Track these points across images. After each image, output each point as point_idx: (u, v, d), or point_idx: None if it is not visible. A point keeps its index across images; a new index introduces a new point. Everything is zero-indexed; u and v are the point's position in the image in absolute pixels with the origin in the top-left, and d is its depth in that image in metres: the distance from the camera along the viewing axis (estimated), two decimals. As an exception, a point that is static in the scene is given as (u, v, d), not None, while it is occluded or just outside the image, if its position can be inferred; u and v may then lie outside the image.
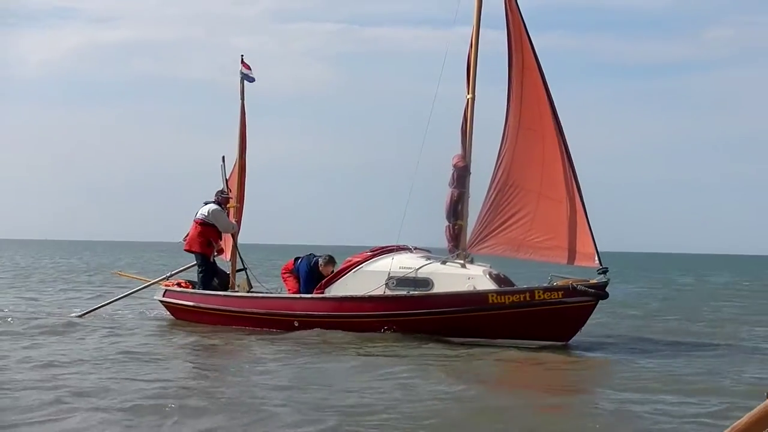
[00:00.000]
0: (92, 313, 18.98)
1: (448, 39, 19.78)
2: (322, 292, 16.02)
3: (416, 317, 15.00)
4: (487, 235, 15.89)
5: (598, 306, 14.72)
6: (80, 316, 18.64)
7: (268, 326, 16.18)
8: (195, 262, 18.99)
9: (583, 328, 14.92)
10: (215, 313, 17.04)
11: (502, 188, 15.89)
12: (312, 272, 16.63)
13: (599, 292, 14.50)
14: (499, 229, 15.86)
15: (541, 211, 15.61)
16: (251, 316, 16.45)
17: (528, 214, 15.71)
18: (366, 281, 15.57)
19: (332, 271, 16.50)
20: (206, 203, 18.31)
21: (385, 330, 15.13)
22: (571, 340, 14.88)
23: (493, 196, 15.96)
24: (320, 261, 16.74)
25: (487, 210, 15.95)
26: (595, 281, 14.64)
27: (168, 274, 19.38)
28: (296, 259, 17.14)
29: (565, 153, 15.47)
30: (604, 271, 14.78)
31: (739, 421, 2.10)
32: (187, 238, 18.11)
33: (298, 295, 16.32)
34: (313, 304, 15.95)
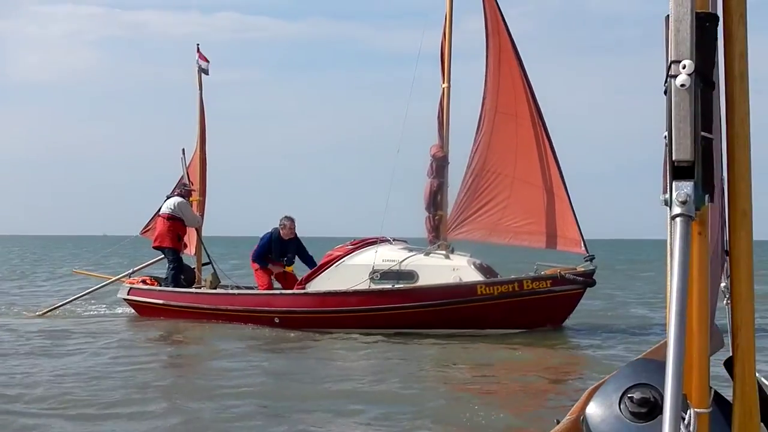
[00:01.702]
0: (53, 311, 18.34)
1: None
2: (303, 287, 15.73)
3: (403, 311, 14.84)
4: (464, 221, 15.91)
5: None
6: (40, 315, 18.02)
7: (246, 323, 15.80)
8: (157, 258, 18.56)
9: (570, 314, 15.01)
10: (189, 311, 16.55)
11: (479, 174, 15.89)
12: (268, 242, 16.42)
13: (587, 279, 14.58)
14: (476, 215, 15.90)
15: (518, 196, 15.67)
16: (229, 313, 16.03)
17: (505, 199, 15.75)
18: (349, 275, 15.32)
19: (293, 231, 16.37)
20: (168, 197, 17.83)
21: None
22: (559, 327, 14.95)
23: (470, 181, 15.95)
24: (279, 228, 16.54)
25: (464, 195, 15.97)
26: (582, 269, 14.71)
27: (130, 271, 18.81)
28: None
29: (543, 138, 15.50)
30: (591, 259, 14.87)
31: None
32: (154, 234, 17.62)
33: (278, 291, 16.00)
34: (294, 300, 15.64)
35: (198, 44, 18.86)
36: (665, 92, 1.41)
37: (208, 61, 19.01)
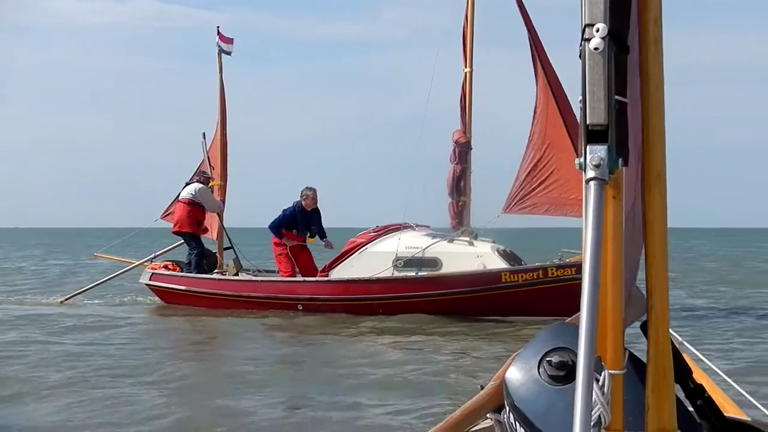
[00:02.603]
0: (73, 298, 18.40)
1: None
2: (327, 275, 15.70)
3: (427, 299, 14.80)
4: (525, 196, 15.73)
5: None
6: (61, 303, 18.08)
7: (269, 309, 15.78)
8: (177, 243, 18.57)
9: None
10: (212, 298, 16.54)
11: (539, 148, 15.74)
12: (292, 214, 16.34)
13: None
14: (538, 189, 15.71)
15: (572, 169, 15.57)
16: (253, 300, 16.01)
17: (566, 173, 15.58)
18: (372, 263, 15.29)
19: (315, 201, 16.31)
20: (188, 184, 17.79)
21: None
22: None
23: (531, 155, 15.80)
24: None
25: (525, 170, 15.78)
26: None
27: (152, 256, 18.80)
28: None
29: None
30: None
31: (452, 415, 2.11)
32: (174, 219, 17.59)
33: (302, 279, 15.94)
34: (318, 287, 15.62)
35: (218, 26, 18.78)
36: (580, 56, 1.40)
37: (230, 42, 18.86)
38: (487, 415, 2.13)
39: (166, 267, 17.83)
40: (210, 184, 18.02)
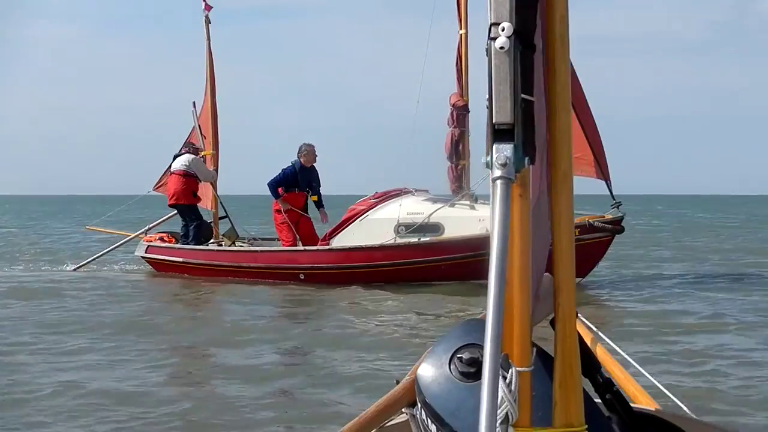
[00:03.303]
0: (85, 266, 18.31)
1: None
2: (327, 244, 15.59)
3: (431, 264, 14.73)
4: None
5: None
6: (75, 270, 18.11)
7: (270, 279, 15.66)
8: (170, 214, 18.41)
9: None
10: (210, 269, 16.40)
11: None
12: (292, 173, 16.12)
13: (616, 227, 14.48)
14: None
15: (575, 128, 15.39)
16: (252, 270, 15.87)
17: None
18: (373, 230, 15.18)
19: (314, 156, 16.20)
20: (178, 155, 17.58)
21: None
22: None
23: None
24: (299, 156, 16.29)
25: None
26: (610, 216, 14.60)
27: (147, 228, 18.65)
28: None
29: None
30: (618, 205, 14.72)
31: (367, 410, 2.15)
32: (169, 191, 17.37)
33: (302, 248, 15.81)
34: (319, 256, 15.50)
35: None
36: (486, 54, 1.41)
37: (209, 9, 18.54)
38: (403, 410, 2.13)
39: (161, 239, 17.68)
40: (201, 154, 17.82)
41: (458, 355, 1.88)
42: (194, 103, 18.47)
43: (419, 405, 1.94)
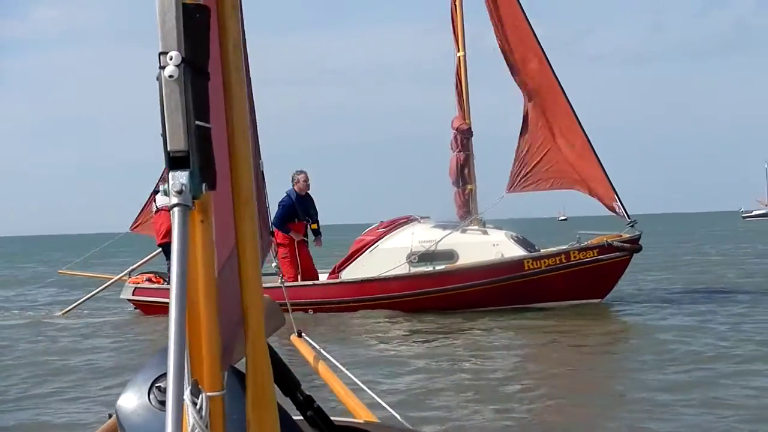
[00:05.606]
0: (72, 310, 17.35)
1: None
2: (337, 277, 15.08)
3: (449, 293, 14.35)
4: (528, 173, 15.33)
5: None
6: (63, 314, 17.10)
7: None
8: (154, 253, 17.67)
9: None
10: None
11: (535, 124, 15.36)
12: (291, 204, 15.46)
13: (634, 246, 14.34)
14: (541, 163, 15.35)
15: (562, 146, 15.35)
16: None
17: (556, 147, 15.32)
18: (385, 260, 14.72)
19: (308, 184, 15.63)
20: (156, 191, 16.87)
21: None
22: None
23: (528, 131, 15.43)
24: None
25: (524, 147, 15.38)
26: (627, 235, 14.46)
27: (129, 269, 17.82)
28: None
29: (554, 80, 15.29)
30: (633, 224, 14.62)
31: None
32: (160, 230, 16.62)
33: (311, 282, 15.21)
34: (329, 290, 14.96)
35: None
36: (157, 80, 1.41)
37: None
38: None
39: (149, 280, 16.91)
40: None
41: (157, 384, 1.87)
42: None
43: None
